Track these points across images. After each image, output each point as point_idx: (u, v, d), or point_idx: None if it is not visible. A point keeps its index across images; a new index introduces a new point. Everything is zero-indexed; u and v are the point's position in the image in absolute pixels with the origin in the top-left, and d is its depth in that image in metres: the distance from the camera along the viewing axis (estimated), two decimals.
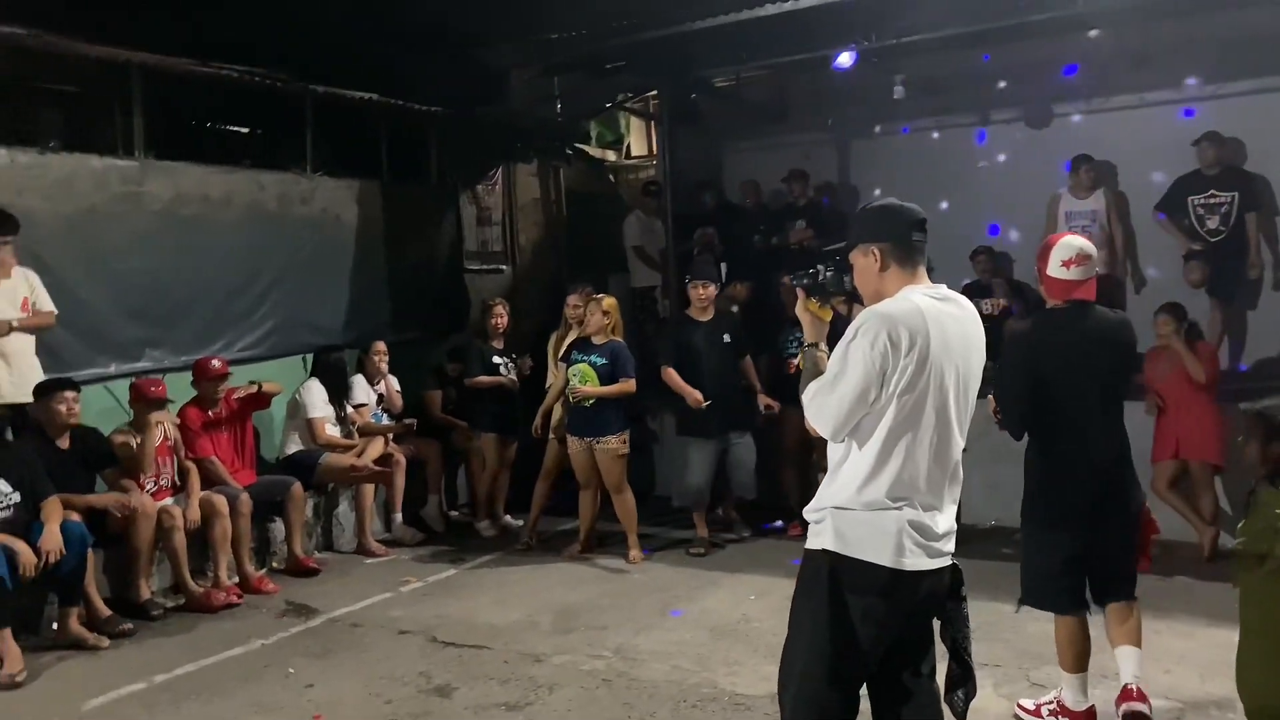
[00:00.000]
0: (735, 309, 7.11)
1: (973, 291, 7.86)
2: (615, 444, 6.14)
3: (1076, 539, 3.59)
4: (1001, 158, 8.29)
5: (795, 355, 6.10)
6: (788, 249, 8.47)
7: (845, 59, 7.21)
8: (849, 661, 2.59)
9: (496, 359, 6.90)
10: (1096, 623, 3.73)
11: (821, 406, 2.60)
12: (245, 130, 7.46)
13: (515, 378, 6.96)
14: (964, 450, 2.68)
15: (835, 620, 2.57)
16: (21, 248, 5.36)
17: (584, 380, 6.07)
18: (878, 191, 7.85)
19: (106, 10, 5.83)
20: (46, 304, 5.45)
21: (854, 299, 2.82)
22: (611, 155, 10.68)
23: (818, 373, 2.67)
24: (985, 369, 2.71)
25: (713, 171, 9.53)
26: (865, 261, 2.65)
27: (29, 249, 5.47)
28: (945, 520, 2.62)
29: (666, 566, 6.07)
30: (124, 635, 5.02)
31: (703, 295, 6.35)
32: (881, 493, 2.54)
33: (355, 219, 7.60)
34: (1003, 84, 8.06)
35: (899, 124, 8.55)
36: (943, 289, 2.63)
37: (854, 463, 2.59)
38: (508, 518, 7.05)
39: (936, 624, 2.73)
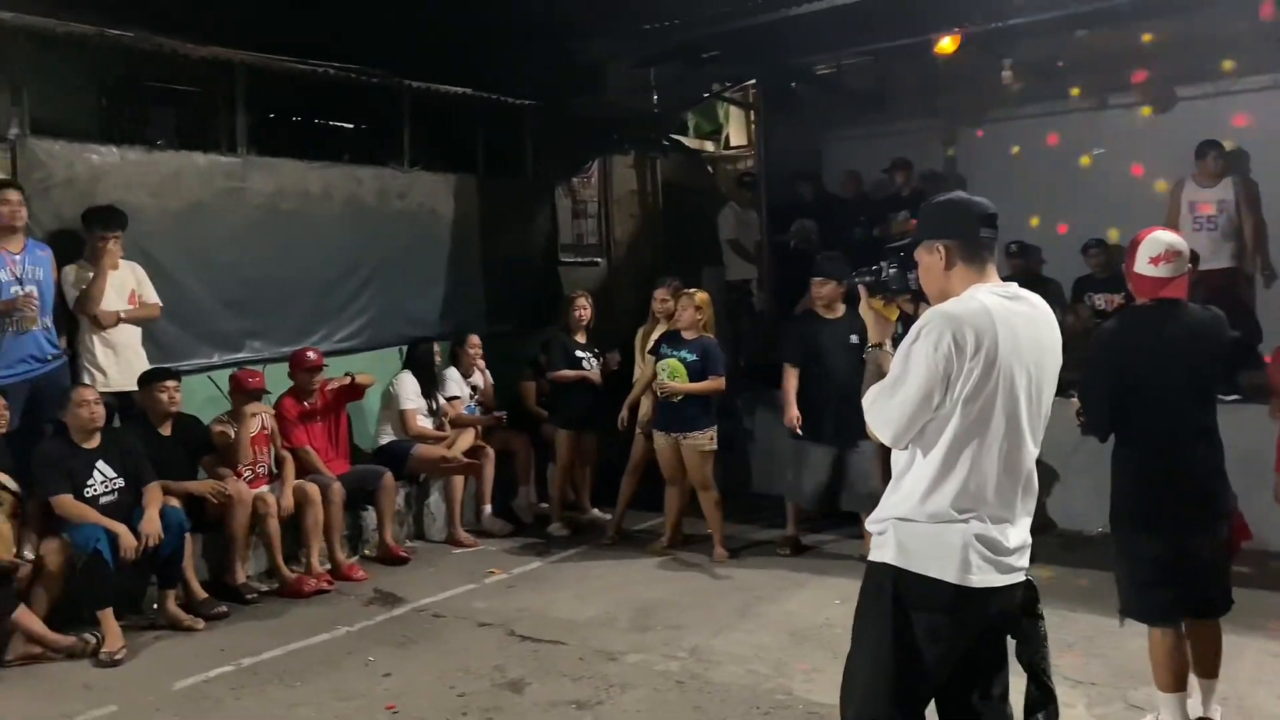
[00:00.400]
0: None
1: (1085, 286, 7.50)
2: (702, 440, 6.06)
3: (1168, 544, 3.38)
4: (1119, 145, 7.84)
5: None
6: (889, 240, 8.21)
7: (948, 44, 6.93)
8: (913, 681, 2.47)
9: (579, 353, 6.87)
10: None
11: (881, 411, 2.47)
12: (344, 126, 7.65)
13: (599, 372, 6.90)
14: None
15: (898, 637, 2.44)
16: (129, 242, 5.61)
17: (672, 375, 6.01)
18: (950, 186, 7.56)
19: (212, 12, 6.06)
20: (152, 296, 5.69)
21: (919, 297, 2.67)
22: (710, 146, 10.58)
23: (881, 375, 2.55)
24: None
25: (812, 161, 9.31)
26: (930, 259, 2.51)
27: (136, 243, 5.72)
28: (1017, 534, 2.46)
29: (752, 566, 5.97)
30: (219, 618, 5.21)
31: (821, 293, 6.06)
32: (946, 504, 2.41)
33: (451, 212, 7.72)
34: (1120, 66, 7.62)
35: (1007, 110, 8.18)
36: (1013, 287, 2.48)
37: (917, 472, 2.46)
38: (595, 511, 7.03)
39: (1011, 643, 2.57)
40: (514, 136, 8.37)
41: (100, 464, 5.06)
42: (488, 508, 6.82)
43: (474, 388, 7.10)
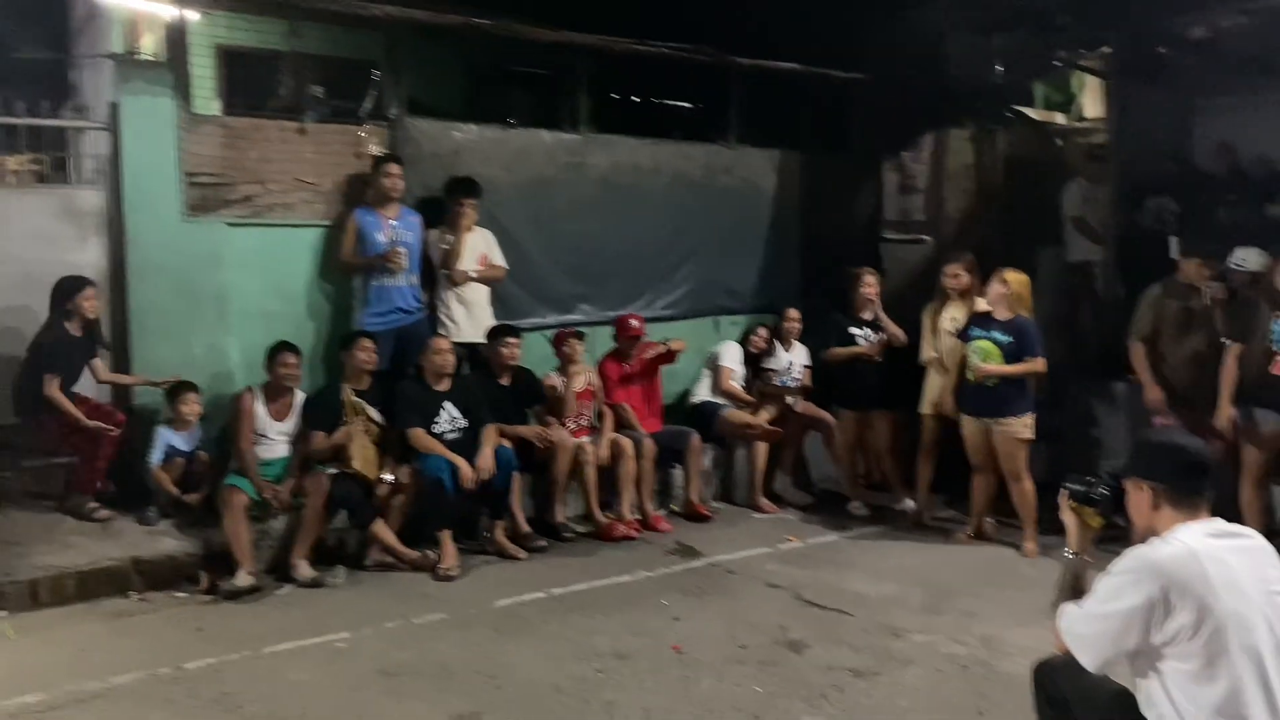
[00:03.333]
0: None
1: None
2: (1017, 426, 5.79)
3: None
4: None
5: None
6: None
7: None
8: None
9: (854, 330, 6.78)
10: None
11: (1075, 636, 2.60)
12: (677, 105, 8.04)
13: (878, 347, 6.75)
14: None
15: None
16: (483, 211, 6.31)
17: (984, 357, 5.79)
18: None
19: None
20: (499, 259, 6.38)
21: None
22: (1060, 118, 9.90)
23: (1074, 585, 2.71)
24: None
25: (1179, 134, 8.46)
26: (1138, 496, 2.63)
27: (488, 211, 6.42)
28: None
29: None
30: (539, 551, 5.78)
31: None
32: None
33: (773, 188, 7.89)
34: None
35: None
36: (1220, 523, 2.56)
37: None
38: (909, 501, 6.80)
39: None
40: (841, 112, 8.36)
41: (448, 405, 5.78)
42: (789, 478, 6.96)
43: (789, 363, 7.22)
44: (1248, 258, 6.01)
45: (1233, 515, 5.66)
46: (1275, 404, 5.44)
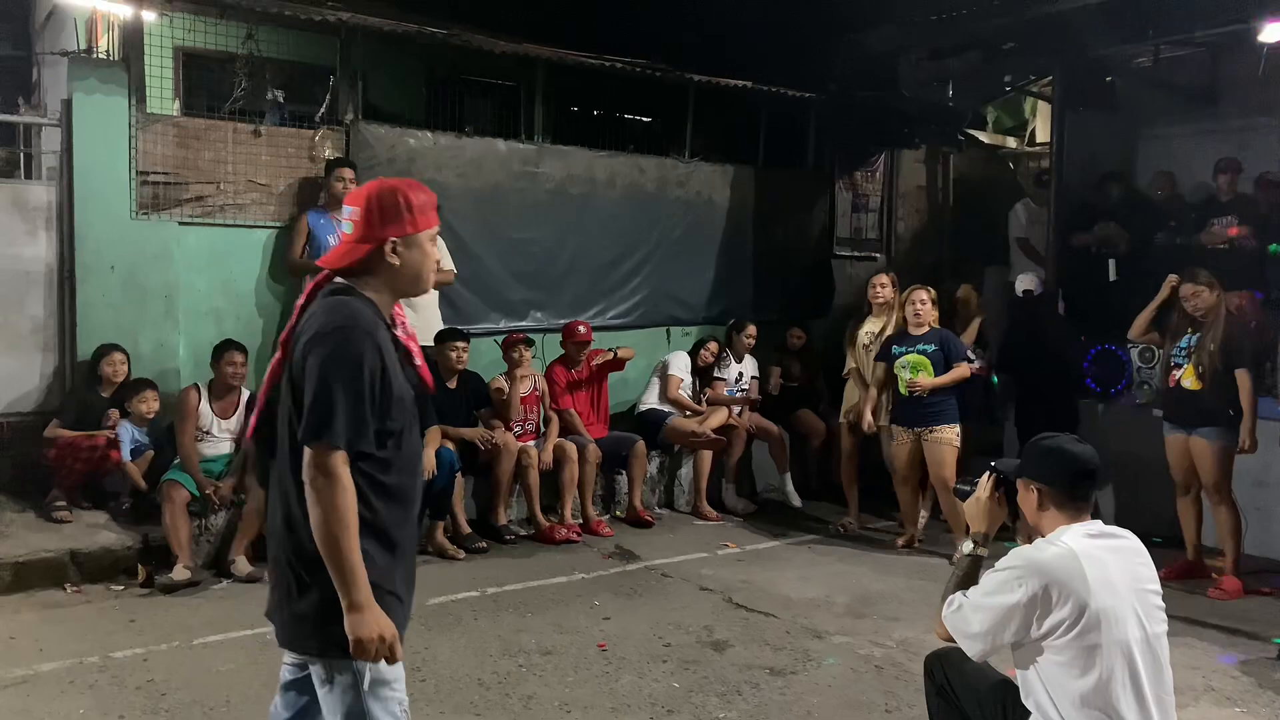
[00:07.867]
0: None
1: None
2: (949, 434, 5.94)
3: None
4: None
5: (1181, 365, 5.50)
6: (1206, 248, 7.45)
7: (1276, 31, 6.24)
8: None
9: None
10: None
11: (959, 626, 2.69)
12: (634, 119, 8.16)
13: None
14: None
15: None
16: None
17: (916, 371, 5.94)
18: None
19: (519, 11, 6.74)
20: (447, 263, 6.42)
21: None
22: (1012, 142, 10.12)
23: (967, 576, 2.77)
24: None
25: (1123, 160, 8.66)
26: (1026, 495, 2.75)
27: (441, 217, 6.43)
28: None
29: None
30: (478, 552, 5.85)
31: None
32: None
33: (727, 202, 8.01)
34: None
35: None
36: (1098, 525, 2.66)
37: None
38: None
39: None
40: (795, 129, 8.50)
41: None
42: (732, 486, 7.07)
43: (739, 374, 7.35)
44: None
45: None
46: (1174, 418, 5.63)
